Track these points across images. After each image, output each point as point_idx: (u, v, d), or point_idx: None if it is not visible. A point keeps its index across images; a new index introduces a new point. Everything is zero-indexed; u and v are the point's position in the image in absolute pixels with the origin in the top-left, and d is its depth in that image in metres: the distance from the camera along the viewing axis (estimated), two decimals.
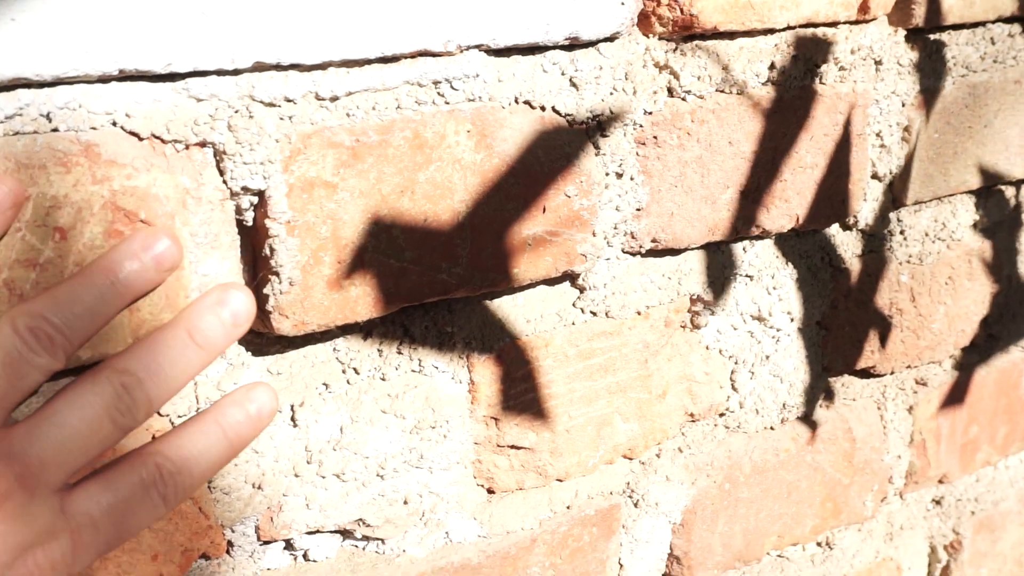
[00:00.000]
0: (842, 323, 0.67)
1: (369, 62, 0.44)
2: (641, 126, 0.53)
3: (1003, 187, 0.75)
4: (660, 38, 0.54)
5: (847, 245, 0.67)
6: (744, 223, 0.59)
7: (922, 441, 0.75)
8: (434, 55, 0.46)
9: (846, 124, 0.62)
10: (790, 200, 0.60)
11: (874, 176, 0.66)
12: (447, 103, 0.47)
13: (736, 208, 0.58)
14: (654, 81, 0.54)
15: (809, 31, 0.59)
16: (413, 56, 0.45)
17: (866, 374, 0.71)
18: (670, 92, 0.55)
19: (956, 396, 0.77)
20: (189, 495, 0.39)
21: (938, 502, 0.80)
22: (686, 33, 0.54)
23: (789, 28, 0.58)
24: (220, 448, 0.39)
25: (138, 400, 0.37)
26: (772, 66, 0.58)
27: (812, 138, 0.60)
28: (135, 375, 0.37)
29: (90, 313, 0.36)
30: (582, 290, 0.56)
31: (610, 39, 0.51)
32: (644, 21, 0.54)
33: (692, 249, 0.59)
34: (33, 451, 0.35)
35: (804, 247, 0.65)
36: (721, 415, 0.64)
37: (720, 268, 0.61)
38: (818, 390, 0.68)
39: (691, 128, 0.55)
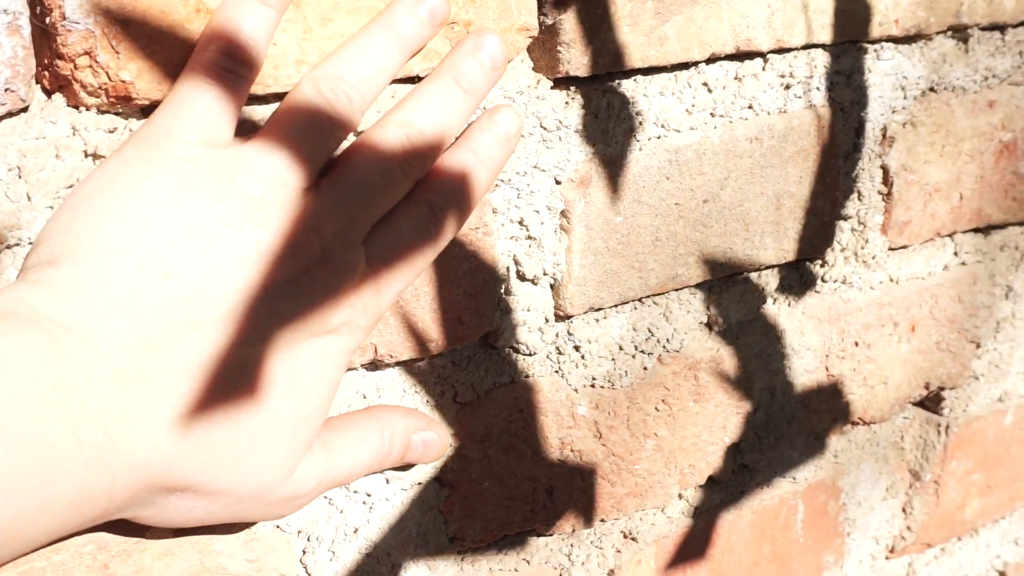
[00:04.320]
0: (476, 477, 0.53)
1: None
2: None
3: (749, 275, 0.61)
4: (100, 111, 0.41)
5: (486, 370, 0.53)
6: None
7: None
8: None
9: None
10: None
11: (521, 278, 0.52)
12: None
13: None
14: (83, 176, 0.40)
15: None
16: None
17: (533, 534, 0.57)
18: None
19: (689, 550, 0.63)
20: (460, 228, 0.46)
21: None
22: (130, 106, 0.40)
23: None
24: (480, 177, 0.46)
25: (421, 150, 0.43)
26: None
27: None
28: (415, 125, 0.43)
29: (379, 70, 0.42)
30: None
31: None
32: (68, 89, 0.40)
33: None
34: (343, 207, 0.41)
35: (412, 380, 0.51)
36: None
37: None
38: (441, 568, 0.54)
39: None
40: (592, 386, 0.57)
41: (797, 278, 0.65)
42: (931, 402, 0.76)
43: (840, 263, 0.66)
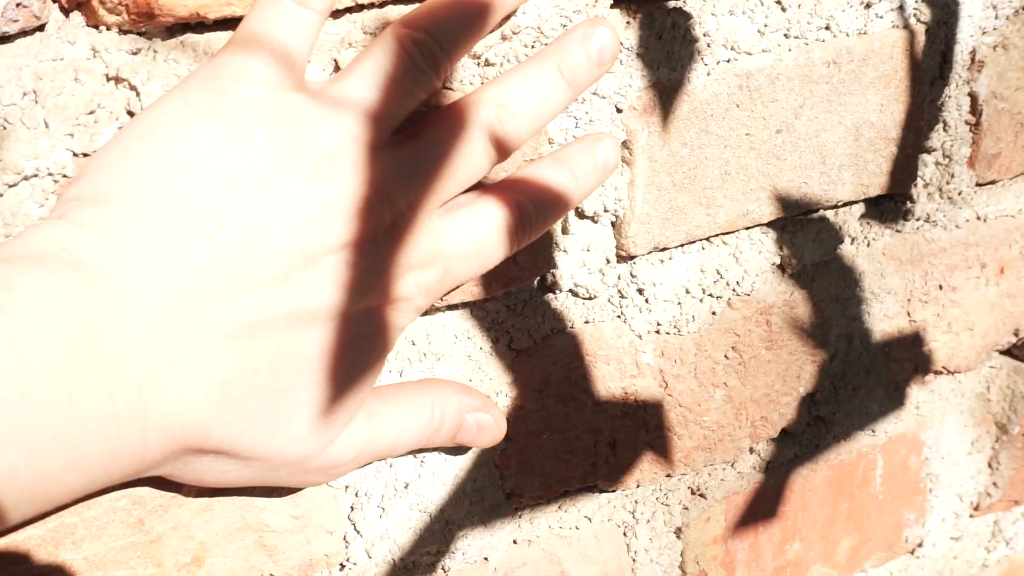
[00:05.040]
0: (534, 429, 0.51)
1: None
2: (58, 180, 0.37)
3: (825, 213, 0.58)
4: (122, 31, 0.38)
5: (543, 315, 0.50)
6: None
7: (700, 573, 0.59)
8: None
9: None
10: None
11: (580, 215, 0.49)
12: None
13: None
14: (104, 102, 0.37)
15: (398, 12, 0.42)
16: None
17: (595, 490, 0.54)
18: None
19: (761, 508, 0.60)
20: (542, 232, 0.45)
21: None
22: (154, 24, 0.37)
23: (371, 5, 0.41)
24: (572, 195, 0.44)
25: (510, 133, 0.41)
26: (337, 67, 0.41)
27: None
28: (509, 108, 0.41)
29: (466, 31, 0.40)
30: None
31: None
32: (87, 7, 0.37)
33: None
34: (420, 176, 0.39)
35: (465, 326, 0.48)
36: (342, 567, 0.49)
37: None
38: (497, 525, 0.52)
39: None
40: (657, 332, 0.54)
41: (877, 216, 0.60)
42: (1020, 350, 0.71)
43: (923, 199, 0.61)
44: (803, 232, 0.58)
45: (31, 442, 0.32)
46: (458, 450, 0.50)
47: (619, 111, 0.49)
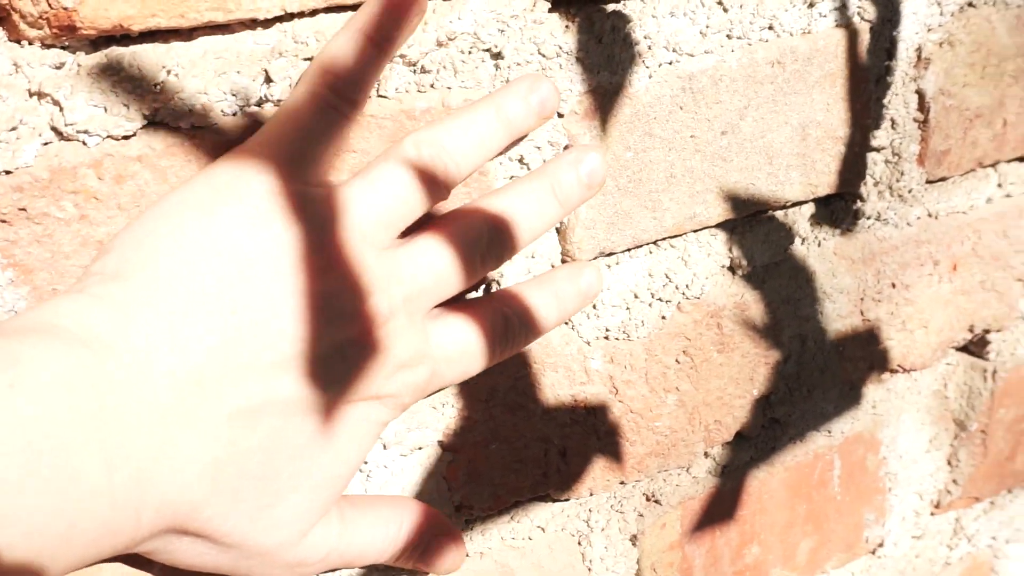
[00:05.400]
0: (482, 440, 0.50)
1: None
2: None
3: (774, 214, 0.57)
4: (44, 46, 0.37)
5: None
6: None
7: None
8: None
9: None
10: None
11: None
12: None
13: None
14: (26, 118, 0.37)
15: (331, 21, 0.41)
16: None
17: (547, 500, 0.54)
18: (57, 134, 0.38)
19: (717, 512, 0.60)
20: (520, 349, 0.48)
21: None
22: (76, 37, 0.37)
23: (302, 14, 0.41)
24: (553, 316, 0.47)
25: (505, 244, 0.44)
26: (268, 78, 0.40)
27: None
28: (507, 221, 0.44)
29: (480, 148, 0.42)
30: None
31: None
32: (8, 21, 0.36)
33: None
34: (417, 276, 0.41)
35: None
36: None
37: None
38: None
39: (99, 190, 0.38)
40: (606, 338, 0.53)
41: (827, 215, 0.61)
42: (976, 346, 0.72)
43: (873, 198, 0.62)
44: (752, 233, 0.58)
45: (29, 521, 0.32)
46: (407, 462, 0.49)
47: (560, 116, 0.48)
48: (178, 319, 0.36)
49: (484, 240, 0.43)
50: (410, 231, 0.43)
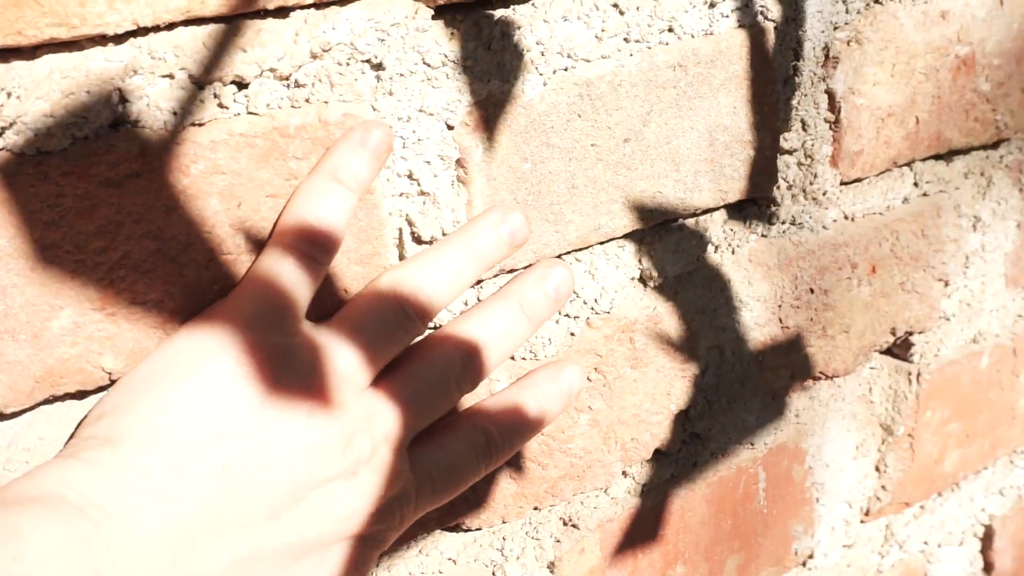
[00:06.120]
0: None
1: None
2: None
3: (685, 222, 0.56)
4: None
5: None
6: None
7: None
8: None
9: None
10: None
11: (417, 240, 0.47)
12: None
13: None
14: None
15: (191, 34, 0.38)
16: None
17: (458, 530, 0.52)
18: None
19: (638, 533, 0.58)
20: (509, 457, 0.48)
21: None
22: None
23: (157, 28, 0.38)
24: (534, 420, 0.48)
25: (478, 369, 0.45)
26: (123, 98, 0.38)
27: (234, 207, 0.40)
28: (477, 345, 0.45)
29: (453, 283, 0.44)
30: None
31: None
32: None
33: None
34: (396, 412, 0.42)
35: None
36: None
37: None
38: None
39: None
40: (511, 358, 0.51)
41: (741, 221, 0.59)
42: (899, 349, 0.70)
43: (787, 202, 0.60)
44: (662, 243, 0.56)
45: None
46: None
47: (450, 128, 0.46)
48: (170, 478, 0.37)
49: (457, 368, 0.44)
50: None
